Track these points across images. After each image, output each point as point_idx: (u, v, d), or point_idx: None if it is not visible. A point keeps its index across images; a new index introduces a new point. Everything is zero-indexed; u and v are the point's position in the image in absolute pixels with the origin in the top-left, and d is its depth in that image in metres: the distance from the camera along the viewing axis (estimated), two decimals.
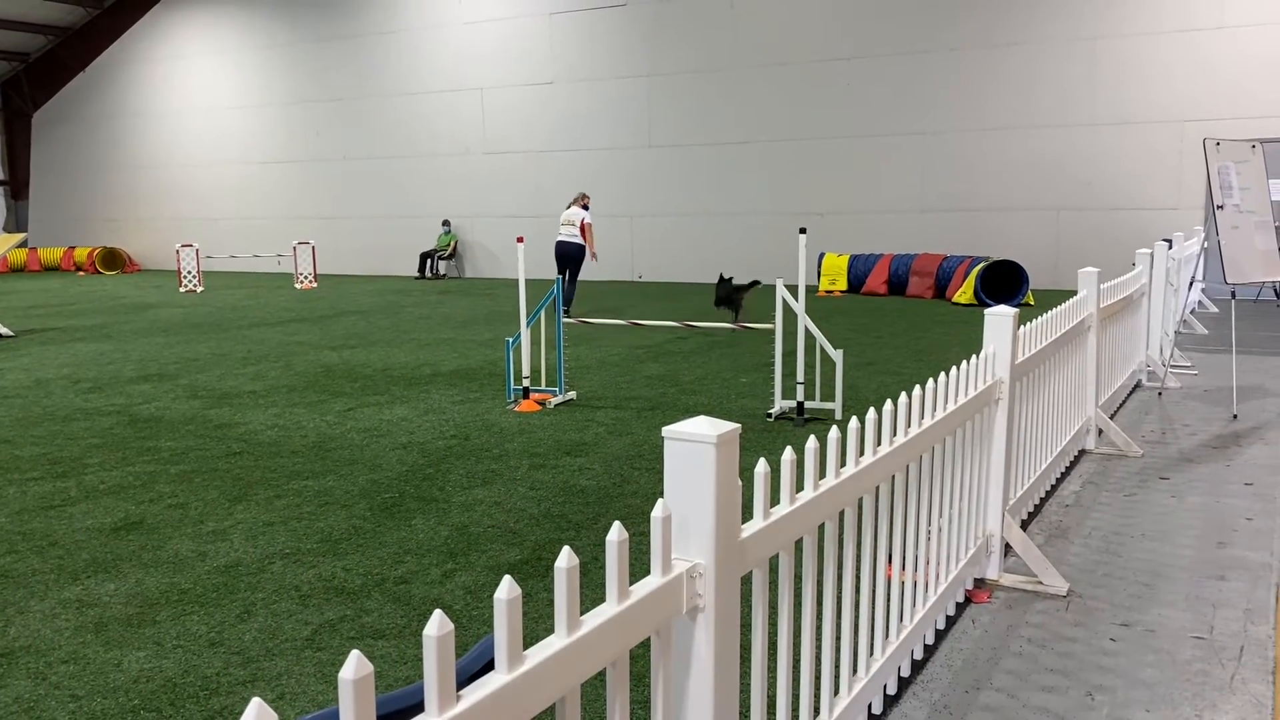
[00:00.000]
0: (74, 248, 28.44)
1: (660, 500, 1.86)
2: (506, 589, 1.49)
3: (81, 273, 27.28)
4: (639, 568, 4.34)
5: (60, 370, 10.39)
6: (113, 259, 27.52)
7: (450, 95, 23.06)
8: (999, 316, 4.08)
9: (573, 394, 8.42)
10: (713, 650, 1.96)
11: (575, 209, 15.17)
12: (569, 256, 15.02)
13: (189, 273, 21.02)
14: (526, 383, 8.16)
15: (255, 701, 1.15)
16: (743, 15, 19.49)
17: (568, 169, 21.82)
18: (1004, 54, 17.32)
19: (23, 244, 29.36)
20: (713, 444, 1.90)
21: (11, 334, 13.36)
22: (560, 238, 15.08)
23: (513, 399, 8.32)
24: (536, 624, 3.83)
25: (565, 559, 1.60)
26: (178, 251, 21.45)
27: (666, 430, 1.94)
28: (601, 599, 3.93)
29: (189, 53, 26.87)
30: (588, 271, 21.08)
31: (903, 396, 3.06)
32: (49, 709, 3.24)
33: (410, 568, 4.47)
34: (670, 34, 20.27)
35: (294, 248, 21.92)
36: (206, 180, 27.09)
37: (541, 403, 8.09)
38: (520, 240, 7.95)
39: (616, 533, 1.71)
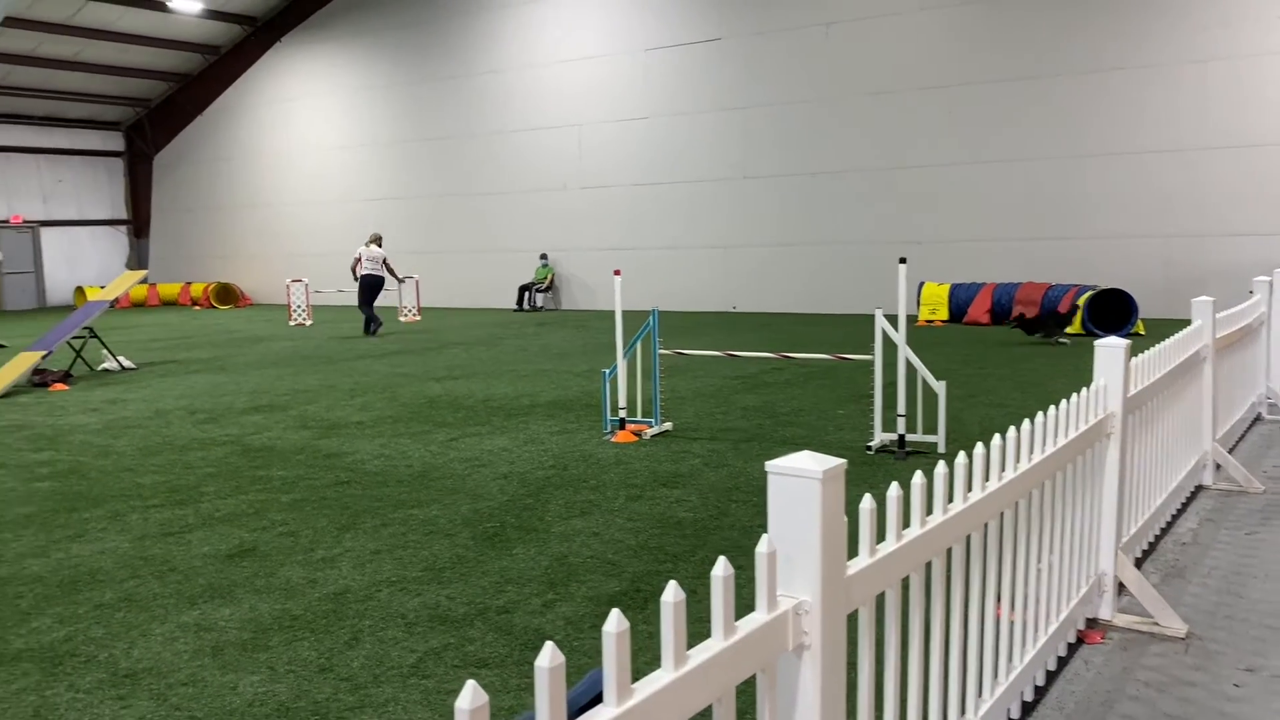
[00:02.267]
0: (190, 283, 29.71)
1: (765, 536, 1.86)
2: (615, 622, 1.51)
3: (197, 307, 28.46)
4: (739, 603, 4.31)
5: (178, 401, 10.84)
6: (226, 294, 28.65)
7: (548, 132, 23.50)
8: (1110, 348, 3.97)
9: (668, 425, 8.44)
10: (819, 689, 1.95)
11: (375, 248, 18.42)
12: (375, 287, 18.37)
13: (298, 307, 21.74)
14: (623, 414, 8.21)
15: (470, 684, 1.18)
16: (839, 44, 19.44)
17: (662, 202, 21.99)
18: (1109, 79, 16.90)
19: (144, 280, 30.74)
20: (818, 479, 1.89)
21: (134, 366, 14.00)
22: (366, 271, 18.22)
23: (609, 430, 8.38)
24: (634, 656, 3.83)
25: (671, 593, 1.61)
26: (287, 286, 22.25)
27: (770, 465, 1.95)
28: (700, 633, 3.92)
29: (298, 95, 27.95)
30: (680, 303, 21.35)
31: (1011, 430, 3.00)
32: None
33: (511, 597, 4.53)
34: (765, 66, 20.33)
35: (399, 281, 22.50)
36: (314, 217, 28.05)
37: (638, 434, 8.12)
38: (617, 273, 8.03)
39: (722, 568, 1.72)
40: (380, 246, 18.56)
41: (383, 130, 26.37)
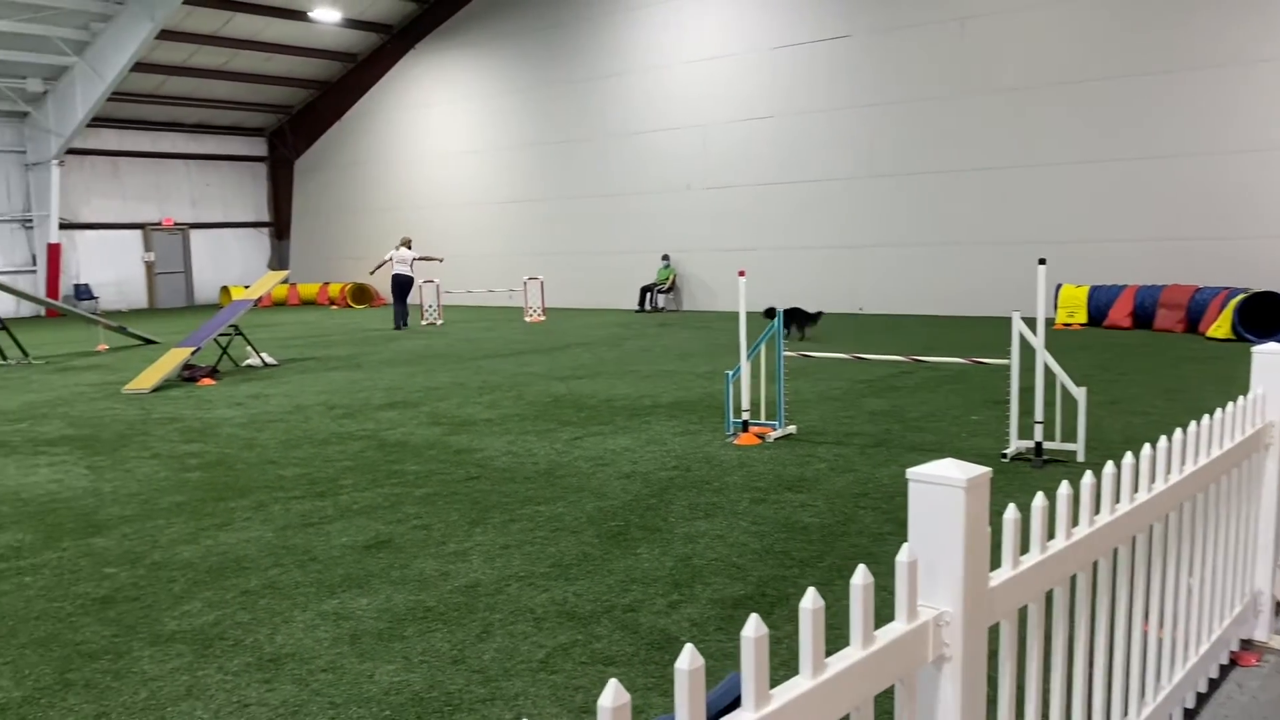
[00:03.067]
0: (328, 283, 30.88)
1: (905, 545, 1.82)
2: (754, 627, 1.50)
3: (334, 306, 29.56)
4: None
5: (317, 397, 11.27)
6: (362, 294, 29.68)
7: (672, 133, 23.58)
8: (1269, 354, 3.76)
9: (792, 428, 8.36)
10: (959, 702, 1.90)
11: (405, 250, 20.37)
12: (406, 285, 20.42)
13: (430, 307, 22.36)
14: (746, 416, 8.17)
15: (612, 682, 1.20)
16: (973, 40, 18.93)
17: (786, 201, 21.81)
18: (1252, 71, 15.98)
19: (285, 281, 32.11)
20: (962, 488, 1.84)
21: (276, 363, 14.62)
22: (396, 271, 20.28)
23: (732, 432, 8.35)
24: None
25: (811, 600, 1.59)
26: (420, 287, 22.89)
27: (911, 472, 1.90)
28: (828, 641, 3.86)
29: (429, 101, 28.75)
30: (804, 304, 21.21)
31: (1162, 440, 2.86)
32: (311, 713, 3.50)
33: (637, 596, 4.55)
34: (894, 62, 19.94)
35: (524, 282, 22.93)
36: (444, 220, 28.81)
37: (761, 436, 8.07)
38: (742, 274, 8.00)
39: (861, 576, 1.69)
40: (410, 249, 20.49)
41: (510, 134, 26.90)
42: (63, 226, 28.87)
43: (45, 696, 3.72)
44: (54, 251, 28.45)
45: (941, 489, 1.87)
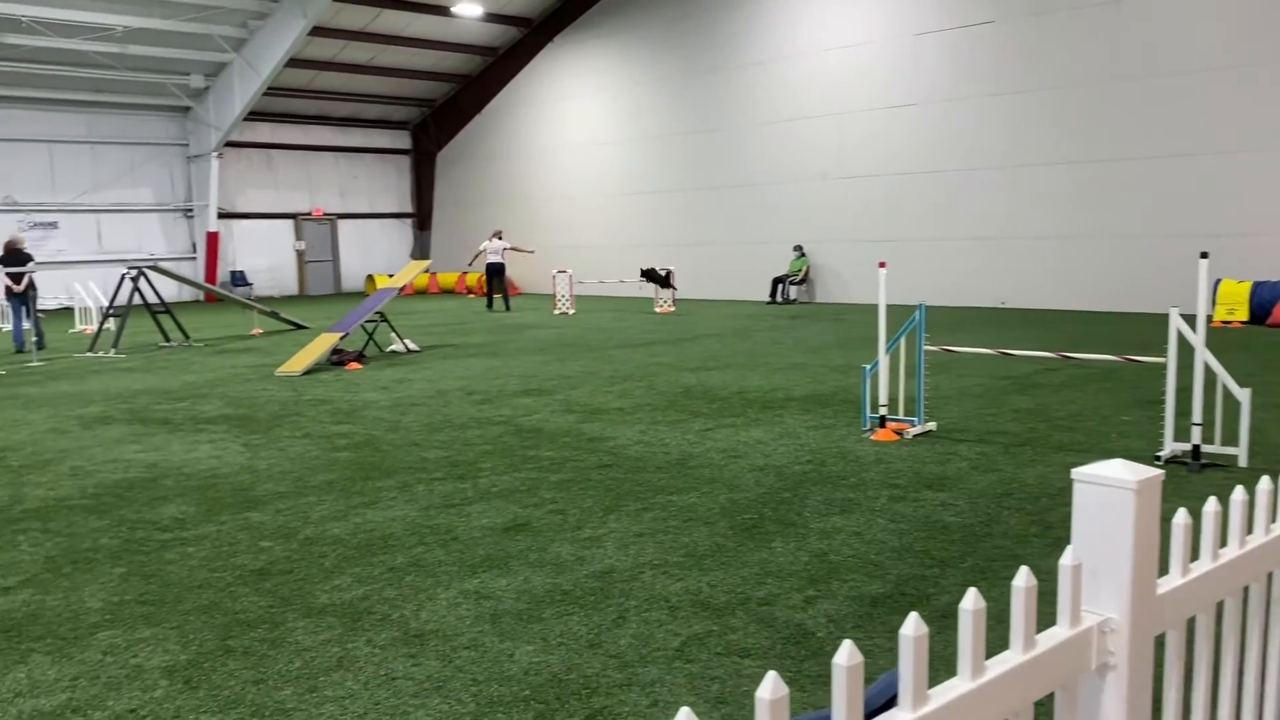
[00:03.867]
0: (466, 273, 31.68)
1: (1068, 548, 1.75)
2: (914, 626, 1.46)
3: (472, 295, 30.31)
4: (1008, 619, 4.10)
5: (456, 382, 11.58)
6: None
7: (808, 122, 23.28)
8: None
9: (932, 425, 8.16)
10: (1124, 713, 1.81)
11: (497, 241, 23.25)
12: (498, 272, 23.51)
13: (562, 296, 22.69)
14: (883, 411, 8.01)
15: (771, 675, 1.21)
16: (1130, 21, 18.05)
17: (926, 191, 21.27)
18: None
19: (427, 270, 33.12)
20: (1132, 490, 1.76)
21: (418, 349, 15.09)
22: (491, 260, 23.37)
23: (868, 427, 8.20)
24: (893, 660, 3.73)
25: (972, 601, 1.55)
26: (553, 277, 23.27)
27: (1077, 472, 1.83)
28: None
29: (566, 93, 29.14)
30: (943, 297, 20.67)
31: None
32: (454, 689, 3.60)
33: (772, 589, 4.52)
34: (1044, 47, 19.20)
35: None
36: (578, 211, 29.19)
37: (899, 432, 7.91)
38: (882, 265, 7.84)
39: (1025, 579, 1.63)
40: (501, 240, 23.27)
41: (645, 125, 27.03)
42: (221, 216, 30.42)
43: (208, 660, 3.94)
44: (212, 240, 30.02)
45: (1110, 490, 1.79)
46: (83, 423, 9.59)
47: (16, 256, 16.92)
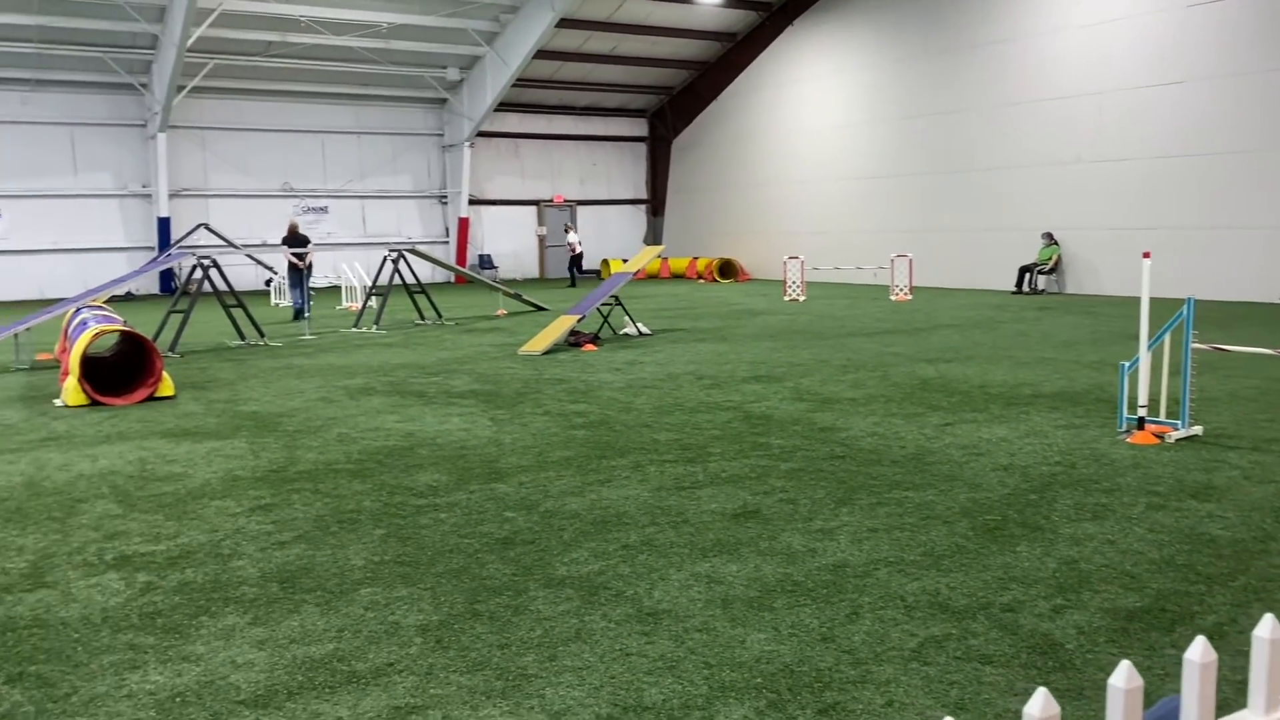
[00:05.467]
0: (697, 258, 32.00)
1: None
2: (1201, 651, 1.35)
3: (702, 280, 30.59)
4: None
5: (686, 366, 11.72)
6: (728, 269, 30.48)
7: (1060, 102, 21.95)
8: None
9: (1198, 429, 7.52)
10: None
11: (574, 234, 29.04)
12: (577, 260, 28.56)
13: (793, 282, 22.51)
14: (1143, 412, 7.46)
15: (1041, 691, 1.16)
16: None
17: (1193, 175, 19.58)
18: None
19: (659, 255, 33.75)
20: None
21: (649, 332, 15.39)
22: (577, 252, 28.66)
23: (1125, 429, 7.66)
24: (1165, 685, 3.46)
25: (1269, 629, 1.41)
26: (784, 263, 23.11)
27: None
28: (1243, 668, 3.44)
29: (803, 77, 28.79)
30: (1211, 290, 19.02)
31: None
32: (687, 670, 3.65)
33: (1016, 595, 4.31)
34: None
35: (891, 260, 22.44)
36: (813, 195, 28.81)
37: (1160, 436, 7.34)
38: (1147, 255, 7.29)
39: None
40: (576, 233, 28.75)
41: (881, 107, 26.32)
42: (471, 202, 32.11)
43: (458, 622, 4.18)
44: (463, 225, 31.75)
45: None
46: (348, 393, 10.39)
47: (298, 238, 19.63)
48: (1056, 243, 22.16)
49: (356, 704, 3.46)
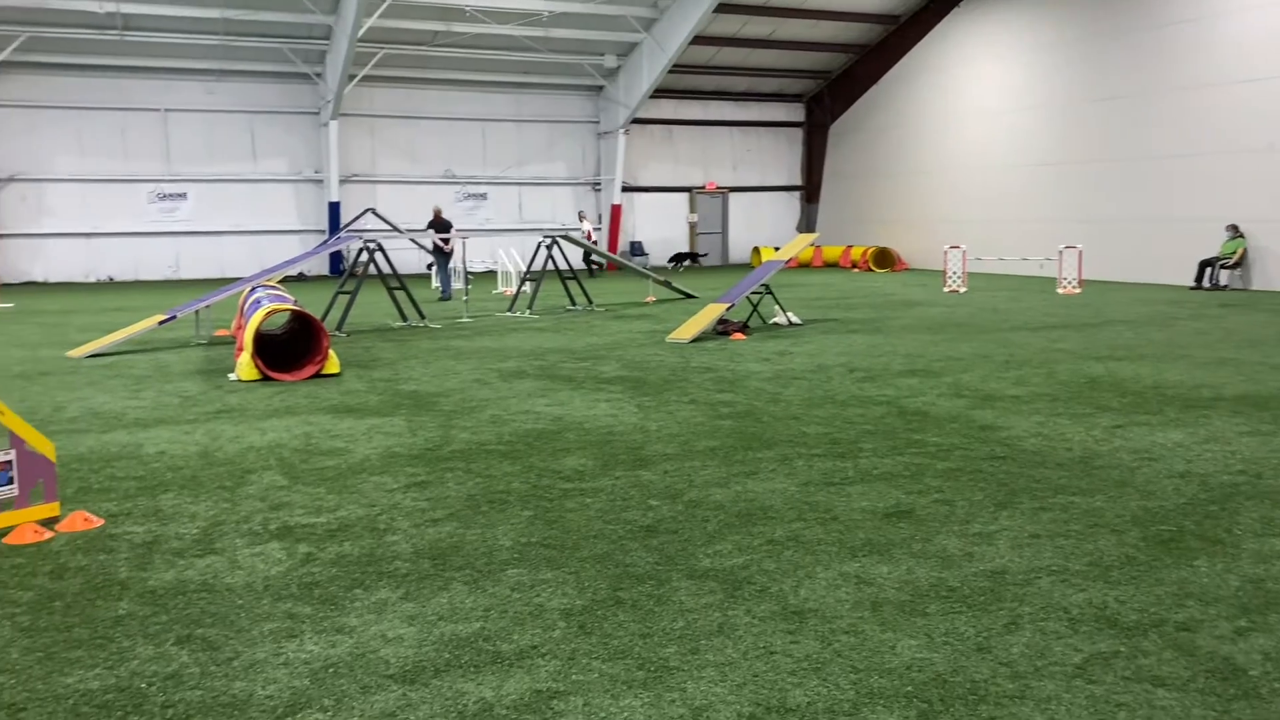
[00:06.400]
0: (851, 246, 31.34)
1: None
2: None
3: (856, 269, 29.95)
4: None
5: (838, 358, 11.47)
6: (884, 258, 29.73)
7: (1252, 85, 20.43)
8: None
9: None
10: None
11: (587, 223, 28.49)
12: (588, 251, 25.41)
13: (954, 273, 21.77)
14: None
15: None
16: None
17: None
18: None
19: (812, 244, 33.20)
20: None
21: (800, 322, 15.14)
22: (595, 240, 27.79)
23: None
24: None
25: None
26: (945, 252, 22.37)
27: None
28: None
29: (969, 60, 27.75)
30: None
31: None
32: (833, 674, 3.53)
33: (1193, 614, 4.01)
34: None
35: (1059, 251, 21.43)
36: (976, 183, 27.77)
37: None
38: None
39: None
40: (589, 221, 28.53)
41: (1052, 92, 25.11)
42: (624, 189, 32.33)
43: (601, 609, 4.17)
44: (616, 211, 32.02)
45: None
46: (501, 375, 10.60)
47: (442, 223, 21.27)
48: (1243, 235, 20.68)
49: (500, 685, 3.49)
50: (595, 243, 26.89)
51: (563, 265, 18.76)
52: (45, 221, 27.01)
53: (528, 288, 18.74)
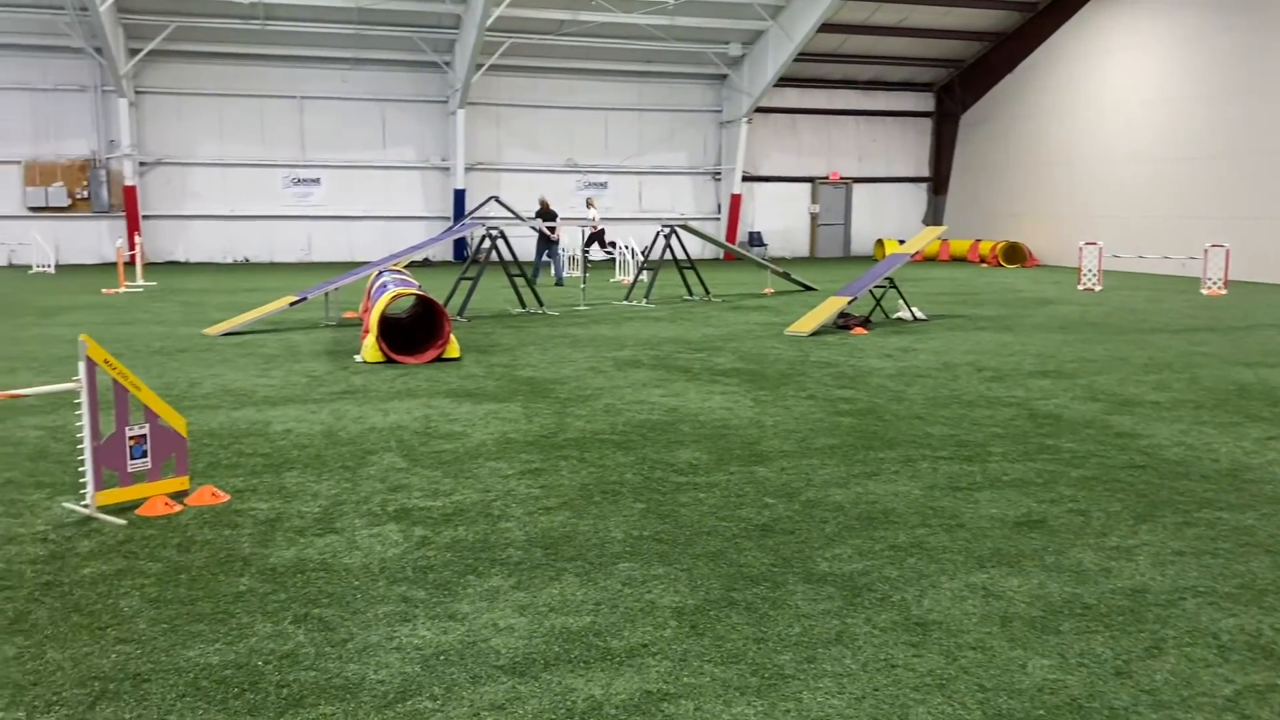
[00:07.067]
0: (979, 240, 30.36)
1: None
2: None
3: (984, 264, 29.00)
4: None
5: (965, 356, 11.07)
6: (1014, 253, 28.71)
7: None
8: None
9: None
10: None
11: (594, 210, 24.28)
12: (596, 236, 24.99)
13: (1089, 270, 20.86)
14: None
15: None
16: None
17: None
18: None
19: (940, 236, 32.31)
20: None
21: (925, 318, 14.70)
22: (600, 227, 24.99)
23: None
24: None
25: None
26: (1080, 249, 21.45)
27: None
28: None
29: (1113, 48, 26.50)
30: None
31: None
32: (958, 691, 3.35)
33: None
34: None
35: (1204, 250, 20.31)
36: (1116, 177, 26.55)
37: None
38: None
39: None
40: (595, 209, 24.78)
41: (1200, 81, 23.77)
42: (744, 179, 32.02)
43: (714, 609, 4.06)
44: (735, 201, 31.73)
45: None
46: (616, 364, 10.57)
47: (548, 212, 22.07)
48: None
49: (609, 683, 3.42)
50: (602, 233, 26.00)
51: (680, 255, 18.65)
52: (188, 203, 28.27)
53: (645, 276, 18.70)
